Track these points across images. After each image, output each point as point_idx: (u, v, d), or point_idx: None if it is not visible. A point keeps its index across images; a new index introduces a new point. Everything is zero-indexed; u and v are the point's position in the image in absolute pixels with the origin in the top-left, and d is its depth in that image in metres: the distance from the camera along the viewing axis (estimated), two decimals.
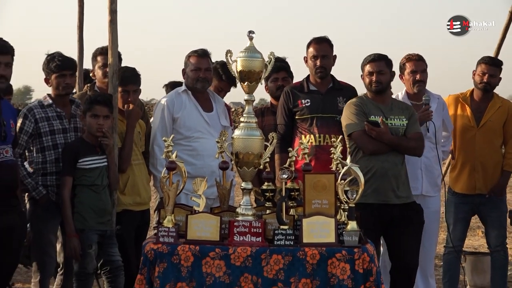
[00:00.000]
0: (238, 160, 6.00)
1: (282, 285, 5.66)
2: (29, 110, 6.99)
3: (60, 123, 6.95)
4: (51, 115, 6.94)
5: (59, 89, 7.00)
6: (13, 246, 6.51)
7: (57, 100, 7.01)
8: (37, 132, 6.87)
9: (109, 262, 6.73)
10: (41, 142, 6.88)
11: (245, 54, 5.95)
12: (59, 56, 7.15)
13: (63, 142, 6.88)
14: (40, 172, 6.87)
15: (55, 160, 6.86)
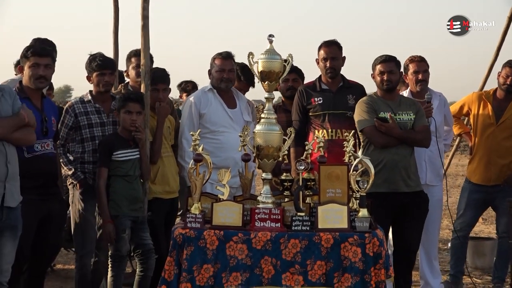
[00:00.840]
0: (259, 153, 6.03)
1: (299, 267, 5.67)
2: (70, 105, 7.03)
3: (98, 117, 6.97)
4: (90, 110, 6.97)
5: (99, 86, 7.02)
6: (54, 231, 6.55)
7: (97, 96, 7.03)
8: (77, 125, 6.90)
9: (141, 245, 6.74)
10: (80, 134, 6.90)
11: (266, 56, 5.97)
12: (100, 56, 7.18)
13: (100, 135, 6.90)
14: (79, 161, 6.90)
15: (93, 151, 6.88)
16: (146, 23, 7.16)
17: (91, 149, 6.89)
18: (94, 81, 7.04)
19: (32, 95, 6.38)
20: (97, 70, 7.02)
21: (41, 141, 6.28)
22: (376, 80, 7.43)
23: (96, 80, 7.02)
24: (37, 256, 6.50)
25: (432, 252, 8.10)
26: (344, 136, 7.10)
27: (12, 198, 5.67)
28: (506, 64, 8.44)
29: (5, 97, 5.77)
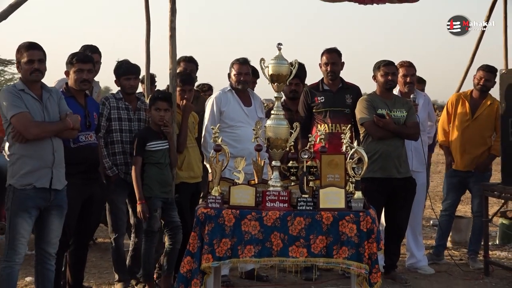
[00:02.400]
0: (270, 144, 6.08)
1: (304, 241, 5.68)
2: (106, 98, 7.04)
3: (126, 114, 6.96)
4: (120, 106, 6.95)
5: (126, 88, 7.00)
6: (95, 211, 6.55)
7: (125, 96, 7.01)
8: (109, 117, 6.88)
9: (170, 222, 6.74)
10: (110, 126, 6.88)
11: (275, 61, 6.03)
12: (126, 63, 7.18)
13: (127, 129, 6.90)
14: (110, 152, 6.87)
15: (120, 142, 6.86)
16: (173, 33, 7.14)
17: (118, 140, 6.89)
18: (122, 84, 7.02)
19: (77, 94, 6.37)
20: (124, 75, 7.00)
21: (85, 133, 6.28)
22: (379, 81, 7.52)
23: (123, 83, 7.00)
24: (81, 231, 6.50)
25: (417, 228, 8.13)
26: (342, 129, 7.16)
27: (58, 182, 5.70)
28: (480, 68, 8.48)
29: (53, 97, 5.82)
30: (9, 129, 5.65)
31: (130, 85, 7.03)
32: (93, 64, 6.63)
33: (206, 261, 5.69)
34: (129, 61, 7.25)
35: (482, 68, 8.44)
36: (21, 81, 5.78)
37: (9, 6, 8.00)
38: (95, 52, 7.21)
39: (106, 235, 9.43)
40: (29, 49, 5.70)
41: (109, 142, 6.90)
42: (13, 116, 5.54)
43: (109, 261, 7.38)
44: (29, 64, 5.66)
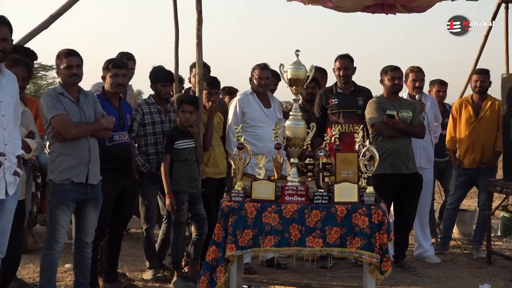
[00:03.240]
0: (288, 142, 6.10)
1: (319, 232, 5.67)
2: (139, 105, 7.01)
3: (158, 117, 6.94)
4: (153, 110, 6.93)
5: (162, 94, 7.00)
6: (128, 203, 6.56)
7: (157, 100, 7.00)
8: (143, 122, 6.87)
9: (196, 215, 6.73)
10: (144, 130, 6.88)
11: (293, 66, 6.05)
12: (163, 70, 7.19)
13: (160, 131, 6.88)
14: (144, 153, 6.87)
15: (154, 144, 6.85)
16: (200, 41, 7.14)
17: (153, 142, 6.87)
18: (157, 90, 7.01)
19: (112, 97, 6.39)
20: (160, 82, 7.00)
21: (119, 133, 6.29)
22: (386, 84, 7.50)
23: (160, 89, 6.99)
24: (115, 222, 6.51)
25: (424, 220, 8.08)
26: (354, 129, 7.12)
27: (94, 177, 5.72)
28: (473, 73, 8.58)
29: (89, 99, 5.85)
30: (49, 129, 5.68)
31: (166, 91, 7.02)
32: (128, 69, 6.67)
33: (230, 250, 5.71)
34: (164, 68, 7.25)
35: (475, 72, 8.52)
36: (60, 85, 5.80)
37: (50, 17, 8.03)
38: (130, 59, 7.23)
39: (138, 226, 9.45)
40: (67, 56, 5.72)
41: (143, 144, 6.91)
42: (53, 117, 5.56)
43: (141, 250, 7.39)
44: (67, 70, 5.68)
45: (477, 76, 8.31)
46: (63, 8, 8.10)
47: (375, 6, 8.70)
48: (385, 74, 7.51)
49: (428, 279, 7.07)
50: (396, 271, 6.90)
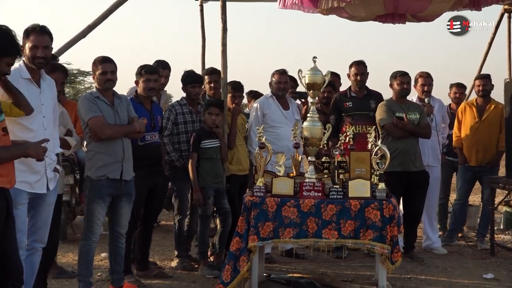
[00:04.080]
0: (306, 142, 6.12)
1: (335, 224, 5.67)
2: (172, 106, 7.04)
3: (190, 117, 6.94)
4: (184, 111, 6.94)
5: (192, 95, 7.01)
6: (158, 198, 6.58)
7: (189, 102, 7.01)
8: (176, 122, 6.88)
9: (221, 208, 6.73)
10: (178, 129, 6.89)
11: (311, 72, 6.06)
12: (193, 73, 7.18)
13: (191, 129, 6.87)
14: (177, 150, 6.87)
15: (186, 141, 6.85)
16: (224, 49, 7.13)
17: (185, 140, 6.87)
18: (188, 91, 7.02)
19: (144, 101, 6.41)
20: (190, 84, 7.00)
21: (150, 133, 6.30)
22: (396, 89, 7.47)
23: (190, 91, 7.01)
24: (147, 215, 6.53)
25: (432, 215, 8.04)
26: (367, 130, 7.07)
27: (127, 173, 5.72)
28: (476, 78, 8.50)
29: (123, 102, 5.86)
30: (86, 130, 5.70)
31: (195, 92, 7.03)
32: (159, 75, 6.68)
33: (252, 241, 5.70)
34: (194, 72, 7.26)
35: (477, 77, 8.48)
36: (96, 89, 5.81)
37: (88, 27, 8.09)
38: (166, 67, 7.24)
39: (168, 218, 9.50)
40: (103, 62, 5.74)
41: (177, 142, 6.91)
42: (89, 119, 5.58)
43: (170, 241, 7.41)
44: (103, 75, 5.70)
45: (479, 81, 8.28)
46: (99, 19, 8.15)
47: (386, 16, 8.64)
48: (394, 79, 7.47)
49: (435, 268, 7.03)
50: (405, 261, 6.86)
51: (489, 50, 10.20)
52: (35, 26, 4.90)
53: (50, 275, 6.14)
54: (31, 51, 4.82)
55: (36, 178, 4.77)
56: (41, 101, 4.86)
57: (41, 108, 4.85)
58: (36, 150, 4.11)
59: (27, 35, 4.87)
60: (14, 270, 4.08)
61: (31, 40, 4.84)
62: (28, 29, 4.89)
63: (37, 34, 4.86)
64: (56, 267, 6.46)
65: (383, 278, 5.78)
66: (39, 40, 4.86)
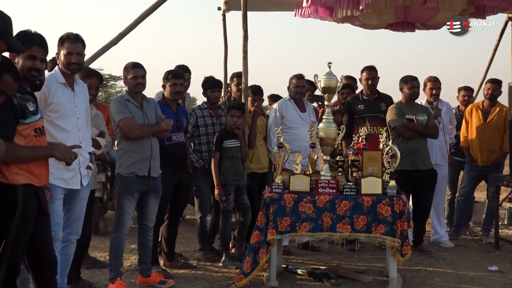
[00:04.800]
0: (321, 142, 6.11)
1: (348, 219, 5.68)
2: (193, 110, 7.04)
3: (210, 120, 6.94)
4: (205, 114, 6.94)
5: (211, 99, 7.01)
6: (183, 194, 6.59)
7: (209, 106, 7.02)
8: (197, 124, 6.88)
9: (241, 204, 6.73)
10: (198, 131, 6.88)
11: (326, 77, 6.06)
12: (212, 79, 7.18)
13: (211, 132, 6.86)
14: (198, 151, 6.87)
15: (206, 143, 6.84)
16: (245, 55, 7.11)
17: (205, 142, 6.85)
18: (208, 96, 7.03)
19: (171, 103, 6.42)
20: (210, 88, 7.01)
21: (176, 134, 6.30)
22: (406, 92, 7.39)
23: (210, 95, 7.01)
24: (173, 209, 6.54)
25: (439, 210, 7.97)
26: (379, 131, 7.01)
27: (154, 171, 5.74)
28: (488, 81, 8.37)
29: (151, 105, 5.88)
30: (117, 130, 5.73)
31: (215, 96, 7.04)
32: (184, 79, 6.69)
33: (271, 234, 5.71)
34: (213, 77, 7.25)
35: (489, 81, 8.33)
36: (127, 93, 5.84)
37: (119, 34, 8.10)
38: (186, 71, 7.25)
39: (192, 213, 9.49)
40: (134, 68, 5.76)
41: (197, 143, 6.91)
42: (120, 120, 5.61)
43: (195, 234, 7.40)
44: (134, 80, 5.72)
45: (490, 84, 8.16)
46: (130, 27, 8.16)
47: (396, 24, 8.64)
48: (405, 83, 7.39)
49: (443, 261, 6.97)
50: (415, 254, 6.81)
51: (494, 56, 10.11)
52: (70, 34, 4.93)
53: (84, 265, 6.17)
54: (66, 57, 4.86)
55: (71, 175, 4.81)
56: (74, 104, 4.90)
57: (75, 110, 4.88)
58: (64, 154, 4.08)
59: (62, 43, 4.90)
60: (48, 261, 4.10)
61: (65, 47, 4.88)
62: (63, 37, 4.92)
63: (71, 42, 4.90)
64: (89, 258, 6.49)
65: (393, 270, 5.76)
66: (73, 47, 4.89)
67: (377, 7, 7.89)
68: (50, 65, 5.72)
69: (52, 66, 5.56)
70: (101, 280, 5.97)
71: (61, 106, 4.72)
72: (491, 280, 6.16)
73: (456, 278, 6.23)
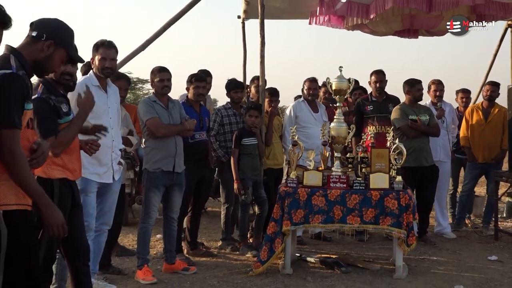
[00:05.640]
0: (333, 140, 6.12)
1: (358, 212, 5.67)
2: (218, 109, 7.07)
3: (234, 119, 6.95)
4: (229, 113, 6.96)
5: (234, 99, 7.02)
6: (205, 188, 6.61)
7: (233, 105, 7.03)
8: (222, 123, 6.90)
9: (258, 197, 6.72)
10: (224, 129, 6.91)
11: (337, 80, 6.07)
12: (234, 81, 7.20)
13: (235, 129, 6.84)
14: (224, 147, 6.88)
15: (231, 140, 6.84)
16: (262, 60, 7.10)
17: (230, 138, 6.85)
18: (231, 97, 7.04)
19: (194, 104, 6.43)
20: (233, 89, 7.02)
21: (199, 132, 6.31)
22: (413, 95, 7.29)
23: (233, 96, 7.03)
24: (196, 202, 6.55)
25: (442, 204, 7.93)
26: (386, 130, 6.97)
27: (179, 166, 5.75)
28: (487, 83, 8.33)
29: (176, 106, 5.90)
30: (144, 129, 5.76)
31: (237, 97, 7.04)
32: (206, 82, 6.70)
33: (286, 225, 5.71)
34: (236, 79, 7.28)
35: (488, 83, 8.29)
36: (154, 95, 5.87)
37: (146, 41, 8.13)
38: (208, 75, 7.26)
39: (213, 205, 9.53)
40: (160, 72, 5.78)
41: (223, 140, 6.91)
42: (147, 120, 5.63)
43: (216, 224, 7.43)
44: (160, 83, 5.74)
45: (489, 86, 8.12)
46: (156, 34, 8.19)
47: (403, 31, 8.64)
48: (412, 87, 7.32)
49: (445, 251, 6.93)
50: (419, 244, 6.75)
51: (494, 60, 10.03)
52: (104, 41, 4.98)
53: (114, 253, 6.21)
54: (100, 62, 4.91)
55: (104, 170, 4.85)
56: (107, 105, 4.93)
57: (108, 111, 4.92)
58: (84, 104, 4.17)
59: (97, 49, 4.95)
60: (82, 249, 4.15)
61: (100, 53, 4.92)
62: (98, 44, 4.97)
63: (105, 48, 4.94)
64: (119, 246, 6.53)
65: (399, 259, 5.73)
66: (107, 53, 4.93)
67: (385, 16, 7.91)
68: (84, 69, 5.78)
69: (86, 70, 5.61)
70: (129, 267, 6.00)
71: (95, 107, 4.75)
72: (490, 269, 6.11)
73: (458, 267, 6.19)
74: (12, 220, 2.81)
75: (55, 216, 2.94)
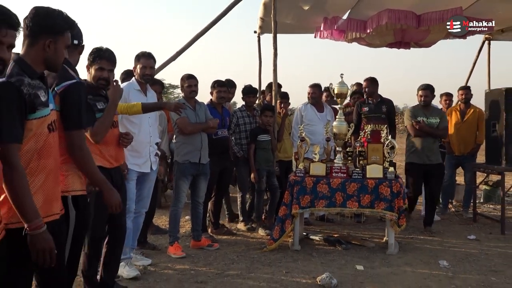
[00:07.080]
0: (335, 137, 6.11)
1: (356, 197, 5.66)
2: (235, 112, 7.04)
3: (248, 120, 6.94)
4: (244, 115, 6.94)
5: (247, 103, 7.02)
6: (226, 177, 6.61)
7: (247, 108, 7.02)
8: (238, 123, 6.89)
9: (271, 185, 6.73)
10: (239, 128, 6.88)
11: (339, 85, 6.05)
12: (249, 86, 7.18)
13: (249, 129, 6.86)
14: (239, 144, 6.87)
15: (245, 137, 6.84)
16: (275, 68, 7.08)
17: (245, 136, 6.85)
18: (246, 101, 7.03)
19: (217, 106, 6.41)
20: (247, 94, 7.02)
21: (221, 130, 6.31)
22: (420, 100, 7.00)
23: (247, 100, 7.02)
24: (218, 189, 6.57)
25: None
26: (380, 128, 6.88)
27: (204, 158, 5.77)
28: (460, 88, 8.20)
29: (202, 108, 5.91)
30: (175, 127, 5.78)
31: (249, 101, 7.02)
32: (227, 87, 6.69)
33: (295, 209, 5.72)
34: (251, 85, 7.24)
35: (461, 88, 8.18)
36: (183, 98, 5.89)
37: (176, 53, 8.14)
38: (232, 86, 7.25)
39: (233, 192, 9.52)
40: (189, 78, 5.80)
41: (239, 138, 6.87)
42: (177, 119, 5.65)
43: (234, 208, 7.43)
44: (188, 88, 5.76)
45: (462, 91, 8.06)
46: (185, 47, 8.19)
47: (395, 43, 8.60)
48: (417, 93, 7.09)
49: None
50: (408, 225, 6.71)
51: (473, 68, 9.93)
52: (144, 52, 5.03)
53: (149, 231, 6.25)
54: (141, 70, 4.96)
55: (143, 161, 4.87)
56: None
57: None
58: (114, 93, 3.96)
59: (138, 59, 5.01)
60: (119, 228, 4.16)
61: (141, 62, 4.98)
62: (139, 55, 5.03)
63: (145, 58, 4.99)
64: (153, 226, 6.57)
65: (391, 238, 5.74)
66: (147, 62, 4.98)
67: (379, 30, 7.88)
68: (122, 76, 5.82)
69: (124, 78, 5.64)
70: (162, 243, 6.04)
71: None
72: (469, 246, 6.09)
73: (442, 245, 6.16)
74: (80, 204, 2.96)
75: (114, 198, 3.20)
